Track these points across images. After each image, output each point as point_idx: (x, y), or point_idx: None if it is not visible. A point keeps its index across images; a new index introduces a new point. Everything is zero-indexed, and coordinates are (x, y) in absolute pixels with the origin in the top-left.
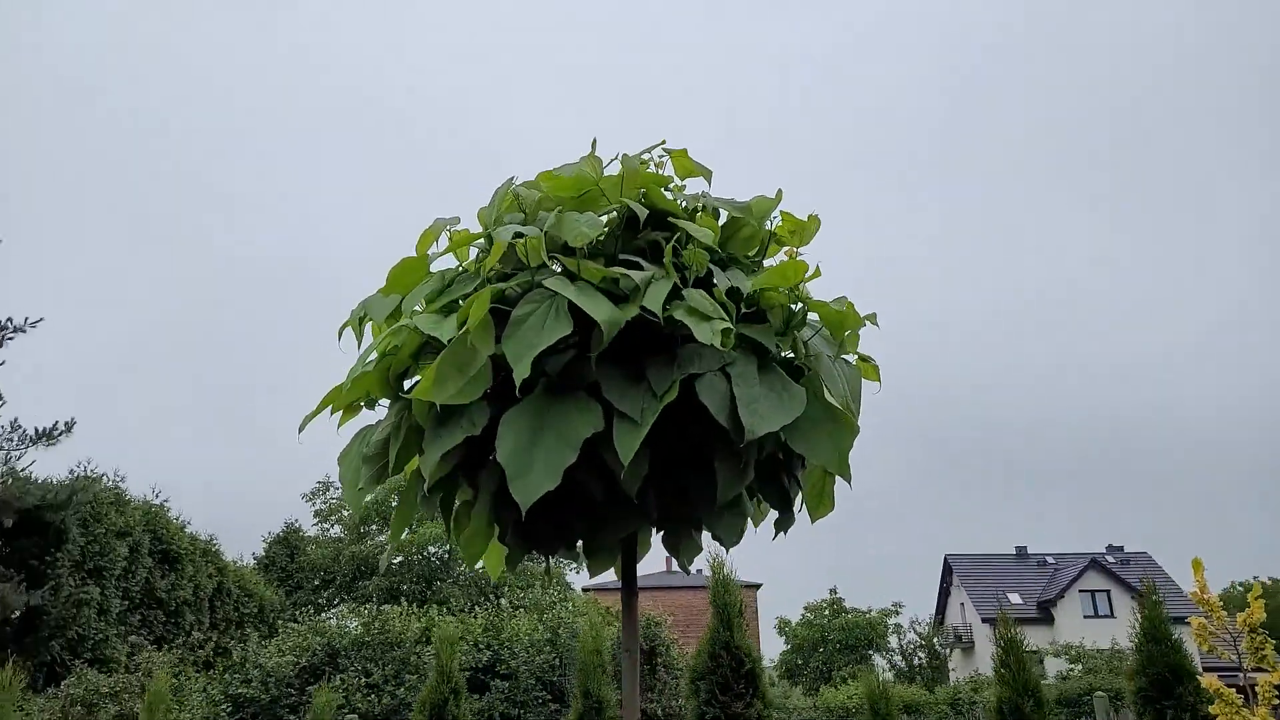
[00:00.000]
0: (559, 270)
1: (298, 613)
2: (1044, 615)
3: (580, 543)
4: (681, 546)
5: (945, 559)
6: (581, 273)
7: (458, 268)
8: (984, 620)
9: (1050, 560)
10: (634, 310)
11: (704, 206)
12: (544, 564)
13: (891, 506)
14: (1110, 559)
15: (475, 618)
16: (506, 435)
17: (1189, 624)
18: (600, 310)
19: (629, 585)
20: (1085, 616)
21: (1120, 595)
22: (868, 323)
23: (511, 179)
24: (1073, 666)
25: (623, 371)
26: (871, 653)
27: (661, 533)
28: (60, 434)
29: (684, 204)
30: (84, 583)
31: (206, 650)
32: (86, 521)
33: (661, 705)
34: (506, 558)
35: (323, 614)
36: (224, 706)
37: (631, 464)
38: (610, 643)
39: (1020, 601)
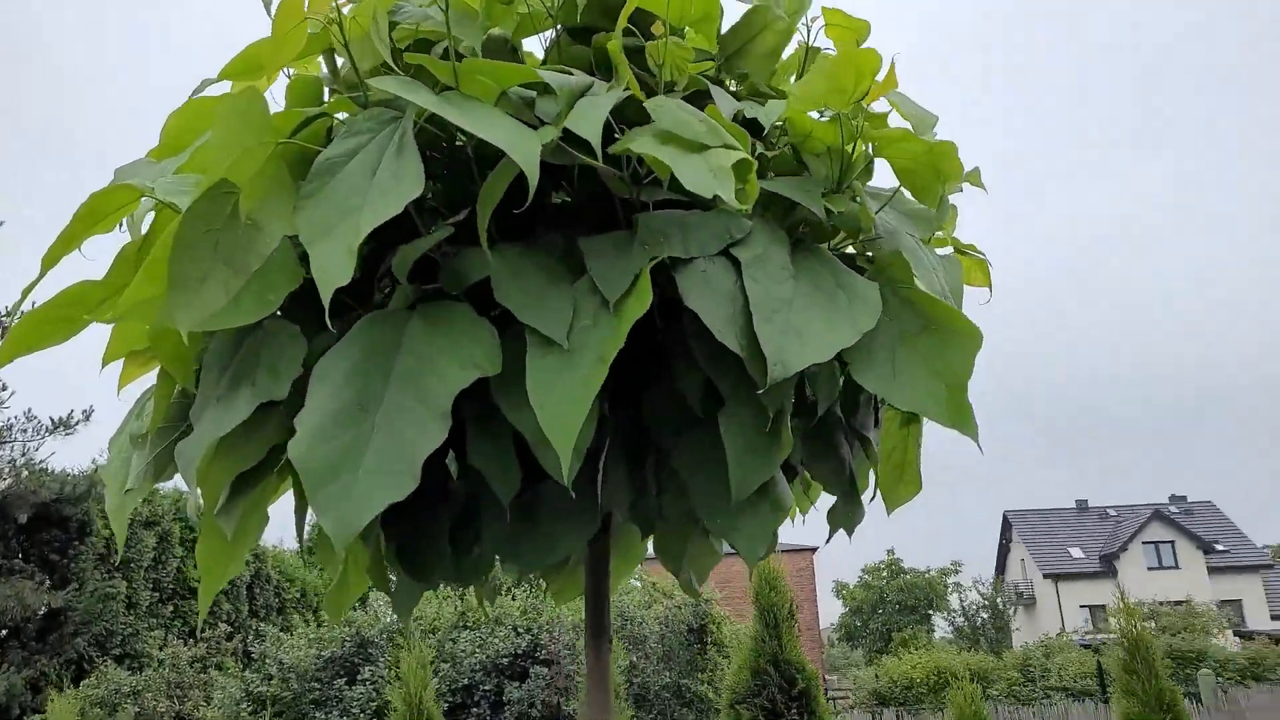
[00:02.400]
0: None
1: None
2: (1106, 569)
3: (504, 563)
4: (686, 558)
5: (1004, 515)
6: (460, 81)
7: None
8: (1045, 576)
9: (1112, 513)
10: (554, 133)
11: None
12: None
13: (947, 463)
14: (1174, 509)
15: (513, 599)
16: (311, 401)
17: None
18: (498, 131)
19: (597, 625)
20: (1149, 569)
21: (1185, 546)
22: (967, 185)
23: None
24: (1146, 624)
25: (537, 262)
26: (931, 613)
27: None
28: (77, 423)
29: None
30: (110, 576)
31: (242, 639)
32: None
33: (713, 688)
34: (394, 598)
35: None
36: (245, 705)
37: (566, 433)
38: (659, 623)
39: (1082, 555)
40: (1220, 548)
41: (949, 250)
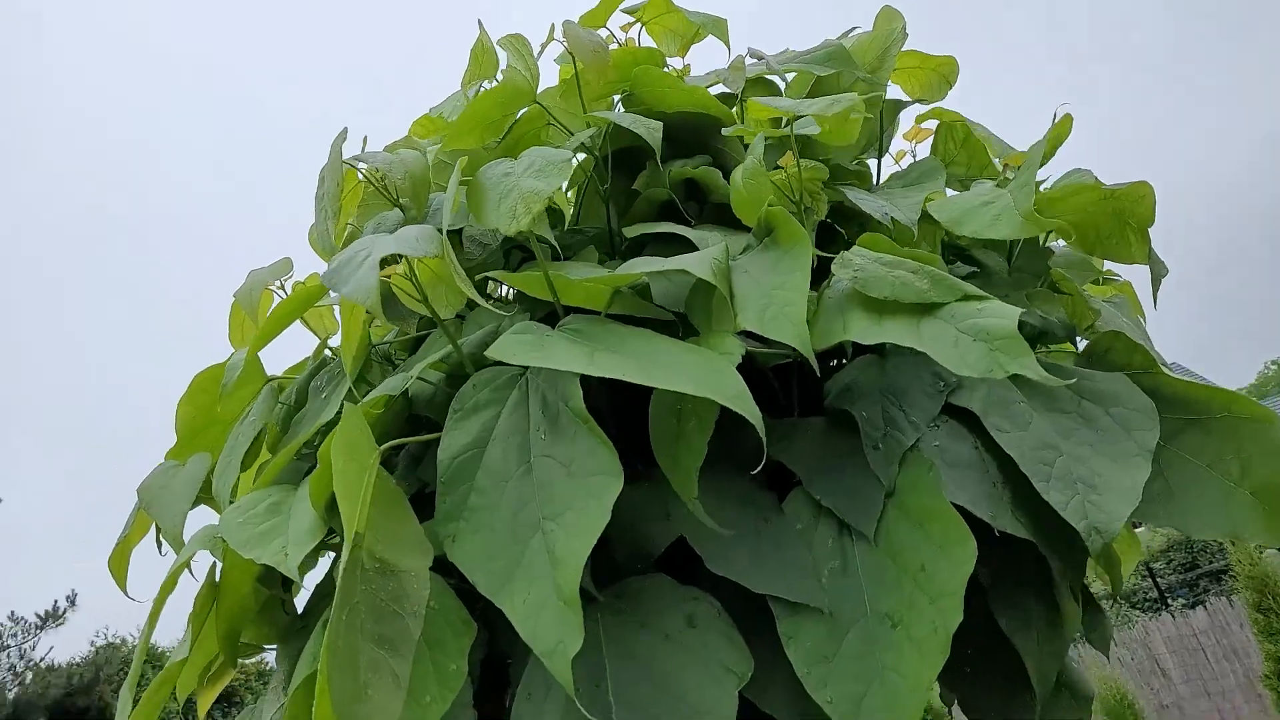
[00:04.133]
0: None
1: None
2: None
3: None
4: None
5: None
6: (562, 296)
7: None
8: None
9: None
10: (739, 348)
11: (770, 74)
12: None
13: None
14: None
15: None
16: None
17: None
18: (684, 376)
19: None
20: None
21: None
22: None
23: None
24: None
25: (736, 493)
26: None
27: None
28: (64, 611)
29: (717, 87)
30: None
31: None
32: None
33: None
34: None
35: None
36: None
37: None
38: None
39: None
40: None
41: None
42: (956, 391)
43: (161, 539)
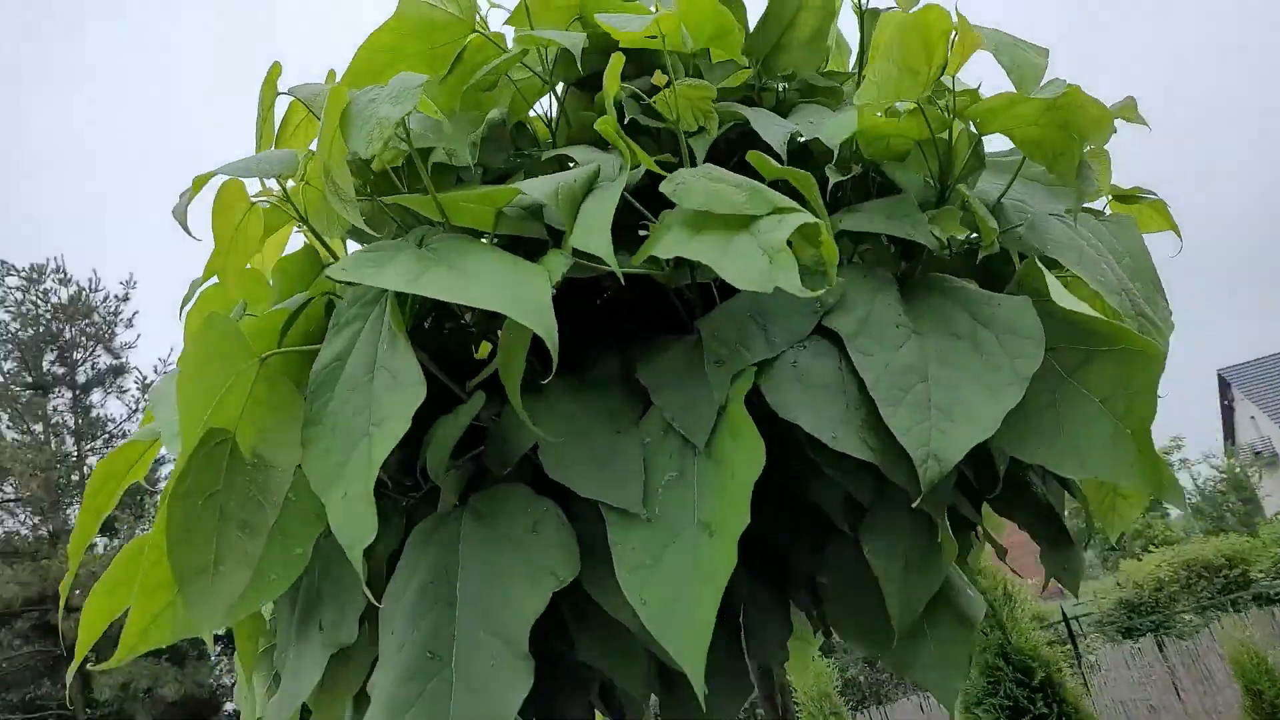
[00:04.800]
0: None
1: None
2: None
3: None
4: None
5: (1219, 375)
6: (450, 215)
7: None
8: None
9: None
10: (564, 261)
11: None
12: None
13: None
14: None
15: None
16: (382, 655)
17: None
18: (495, 293)
19: None
20: None
21: None
22: (1122, 122)
23: None
24: None
25: (592, 408)
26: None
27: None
28: None
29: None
30: None
31: None
32: None
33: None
34: None
35: None
36: None
37: (690, 641)
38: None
39: None
40: None
41: (1104, 203)
42: (833, 312)
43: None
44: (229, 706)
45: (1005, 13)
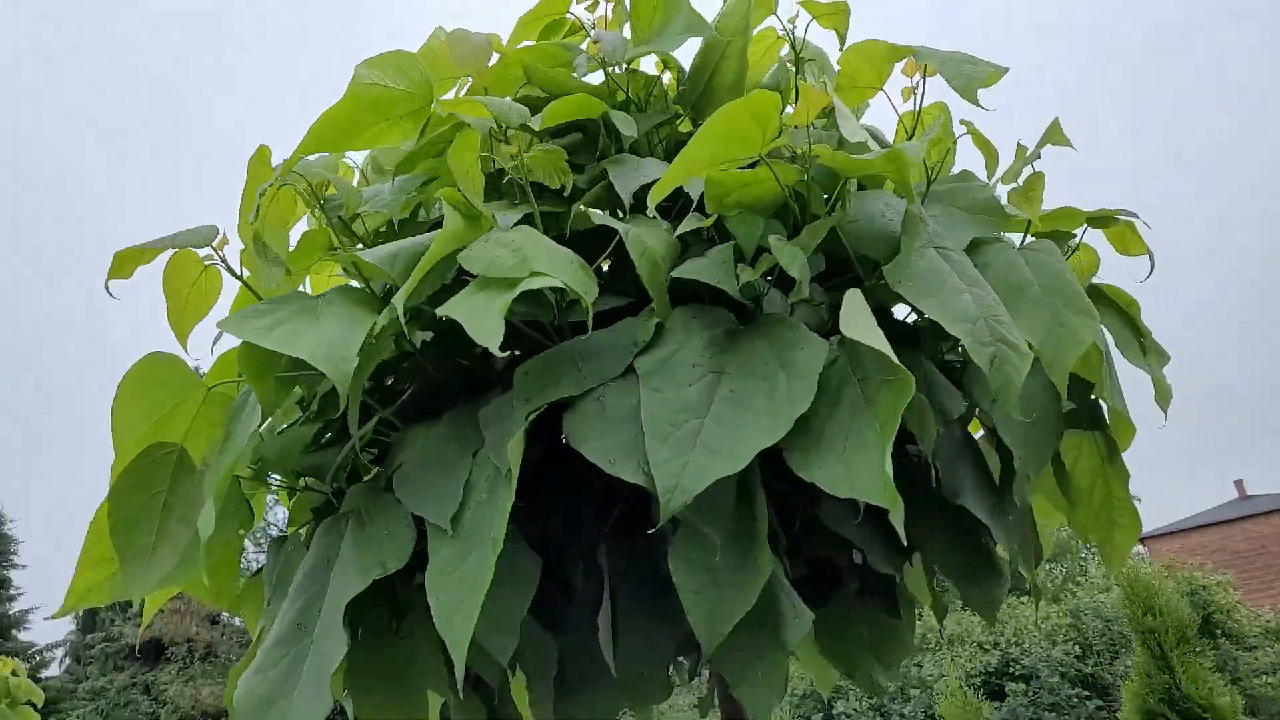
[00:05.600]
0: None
1: None
2: None
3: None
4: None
5: None
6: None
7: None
8: None
9: None
10: (390, 316)
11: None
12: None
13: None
14: None
15: (973, 614)
16: (270, 623)
17: None
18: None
19: None
20: None
21: None
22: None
23: None
24: None
25: (443, 439)
26: None
27: None
28: None
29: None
30: None
31: None
32: None
33: (1241, 688)
34: None
35: None
36: None
37: (458, 637)
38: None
39: None
40: None
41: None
42: (643, 352)
43: None
44: None
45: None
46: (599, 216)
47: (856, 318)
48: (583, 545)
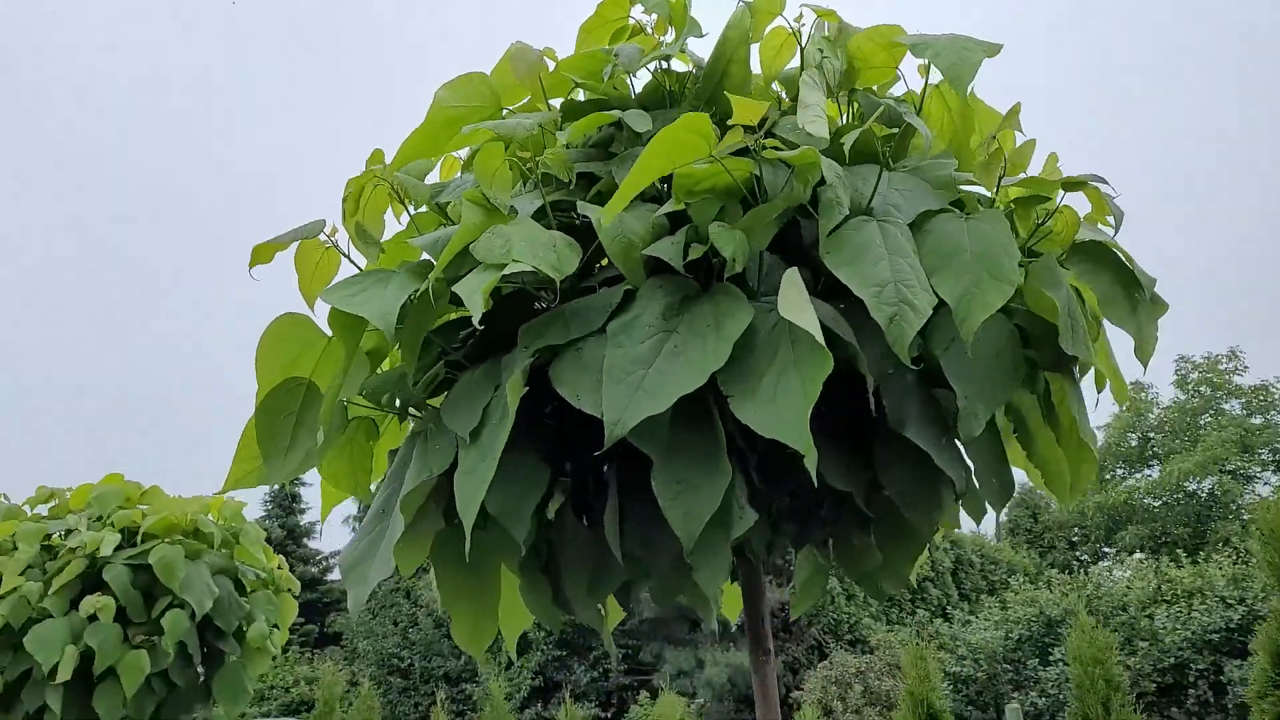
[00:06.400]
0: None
1: (1051, 575)
2: None
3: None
4: (860, 561)
5: None
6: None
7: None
8: None
9: None
10: (429, 282)
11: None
12: None
13: None
14: None
15: (1218, 567)
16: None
17: None
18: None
19: (755, 639)
20: None
21: None
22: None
23: None
24: None
25: (481, 379)
26: None
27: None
28: None
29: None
30: None
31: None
32: None
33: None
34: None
35: (1079, 572)
36: (944, 685)
37: (468, 510)
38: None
39: None
40: None
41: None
42: (615, 314)
43: None
44: None
45: None
46: (584, 206)
47: (792, 295)
48: (594, 464)
